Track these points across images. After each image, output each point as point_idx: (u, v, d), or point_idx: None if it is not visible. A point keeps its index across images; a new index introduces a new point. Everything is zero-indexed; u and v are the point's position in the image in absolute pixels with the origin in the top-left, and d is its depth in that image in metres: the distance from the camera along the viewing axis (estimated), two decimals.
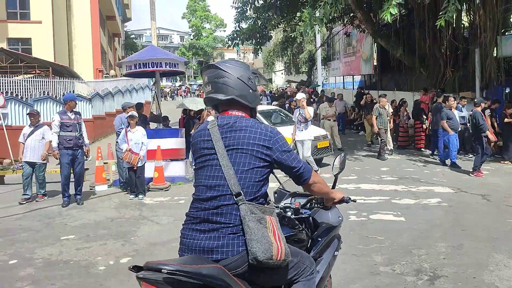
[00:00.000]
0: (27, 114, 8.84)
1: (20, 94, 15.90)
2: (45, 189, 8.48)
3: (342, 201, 2.60)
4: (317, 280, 2.44)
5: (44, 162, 8.38)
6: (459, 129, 10.73)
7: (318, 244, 2.68)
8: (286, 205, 2.66)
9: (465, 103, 11.97)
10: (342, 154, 2.96)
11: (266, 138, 2.16)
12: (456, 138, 10.38)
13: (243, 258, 2.01)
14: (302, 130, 9.49)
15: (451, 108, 10.76)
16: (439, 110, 11.86)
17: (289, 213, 2.54)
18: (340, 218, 2.91)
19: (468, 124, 11.26)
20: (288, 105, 16.97)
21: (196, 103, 12.60)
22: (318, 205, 2.70)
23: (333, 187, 2.74)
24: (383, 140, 11.69)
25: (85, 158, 8.15)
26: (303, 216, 2.62)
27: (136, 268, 1.93)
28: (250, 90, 2.25)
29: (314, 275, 2.36)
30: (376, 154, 11.99)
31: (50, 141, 8.10)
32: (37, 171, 8.29)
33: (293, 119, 9.74)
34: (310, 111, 9.56)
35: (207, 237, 2.06)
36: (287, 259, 2.06)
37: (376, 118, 11.80)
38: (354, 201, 2.86)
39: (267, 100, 19.70)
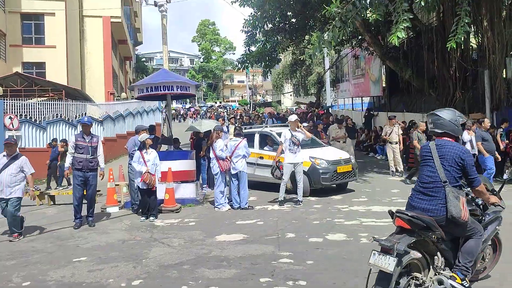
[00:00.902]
0: (3, 143, 7.46)
1: (34, 117, 16.20)
2: (20, 227, 7.33)
3: (492, 204, 4.09)
4: (483, 240, 3.96)
5: (20, 197, 7.28)
6: (495, 150, 10.59)
7: (486, 219, 4.17)
8: (469, 192, 4.11)
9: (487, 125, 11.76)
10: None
11: (462, 154, 3.77)
12: (492, 161, 10.25)
13: (444, 217, 3.69)
14: (295, 153, 9.07)
15: (486, 129, 10.67)
16: None
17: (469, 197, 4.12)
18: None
19: None
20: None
21: (201, 125, 12.72)
22: None
23: (500, 190, 4.36)
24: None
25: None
26: (479, 202, 4.14)
27: (390, 212, 3.87)
28: (456, 127, 3.90)
29: (482, 236, 3.91)
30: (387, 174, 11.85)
31: (32, 174, 7.41)
32: (10, 207, 7.12)
33: (281, 140, 9.38)
34: (301, 134, 9.27)
35: (426, 203, 3.77)
36: (468, 222, 3.70)
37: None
38: (503, 207, 4.26)
39: (273, 122, 19.41)
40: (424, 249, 3.76)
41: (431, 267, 3.81)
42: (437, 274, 3.77)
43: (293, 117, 9.62)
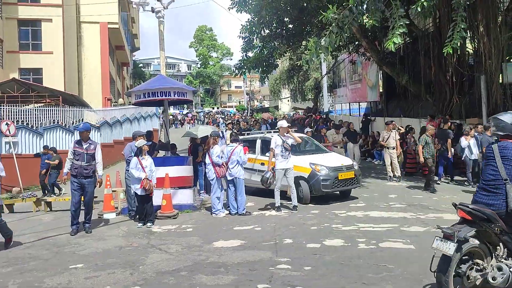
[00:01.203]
0: None
1: (31, 123, 16.17)
2: (9, 232, 7.20)
3: None
4: None
5: (1, 205, 7.14)
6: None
7: None
8: None
9: (482, 130, 11.56)
10: None
11: None
12: None
13: (505, 211, 4.00)
14: (286, 158, 9.10)
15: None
16: (445, 136, 11.90)
17: None
18: None
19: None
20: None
21: (198, 131, 12.73)
22: None
23: None
24: (431, 171, 10.93)
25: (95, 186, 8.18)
26: None
27: (454, 204, 4.22)
28: None
29: None
30: (385, 179, 11.87)
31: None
32: None
33: (271, 146, 9.27)
34: (291, 139, 9.27)
35: (488, 199, 4.11)
36: None
37: (422, 147, 11.03)
38: None
39: (267, 128, 19.07)
40: (487, 239, 4.12)
41: (493, 255, 4.13)
42: (498, 262, 4.08)
43: (284, 123, 9.59)
